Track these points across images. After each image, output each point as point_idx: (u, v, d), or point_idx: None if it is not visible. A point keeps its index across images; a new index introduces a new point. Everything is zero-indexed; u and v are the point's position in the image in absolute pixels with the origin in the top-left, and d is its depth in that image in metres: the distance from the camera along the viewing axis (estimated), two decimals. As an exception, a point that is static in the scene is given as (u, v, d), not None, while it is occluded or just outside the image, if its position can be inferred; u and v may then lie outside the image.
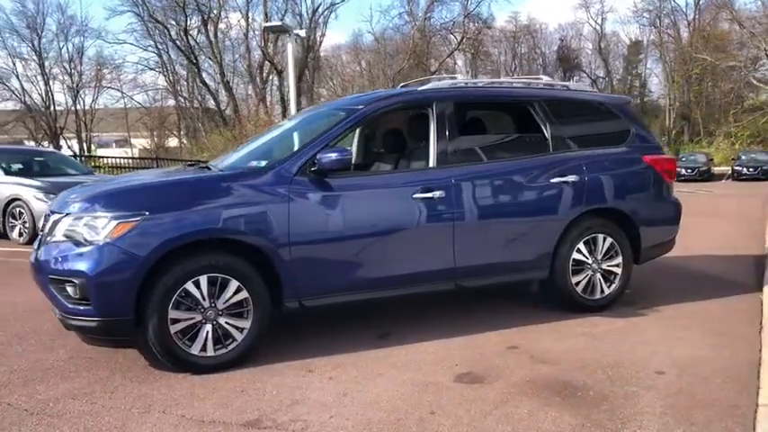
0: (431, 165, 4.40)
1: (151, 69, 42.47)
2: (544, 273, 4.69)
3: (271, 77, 41.20)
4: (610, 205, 4.86)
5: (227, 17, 41.40)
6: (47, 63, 39.99)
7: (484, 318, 4.78)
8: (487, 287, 4.68)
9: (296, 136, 4.73)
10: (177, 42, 39.19)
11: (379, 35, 46.18)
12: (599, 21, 51.68)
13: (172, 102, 43.95)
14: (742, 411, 3.09)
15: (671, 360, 3.81)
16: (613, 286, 4.90)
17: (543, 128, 4.81)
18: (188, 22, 38.29)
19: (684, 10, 47.57)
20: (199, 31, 39.40)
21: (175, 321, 3.64)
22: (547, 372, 3.67)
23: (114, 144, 47.60)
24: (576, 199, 4.70)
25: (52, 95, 40.41)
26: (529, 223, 4.59)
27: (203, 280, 3.68)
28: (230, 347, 3.79)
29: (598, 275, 4.84)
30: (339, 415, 3.14)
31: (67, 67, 40.93)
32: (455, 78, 4.88)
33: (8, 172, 10.28)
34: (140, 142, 47.35)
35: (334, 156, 3.95)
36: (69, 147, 40.35)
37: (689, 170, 29.50)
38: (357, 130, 5.72)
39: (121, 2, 38.45)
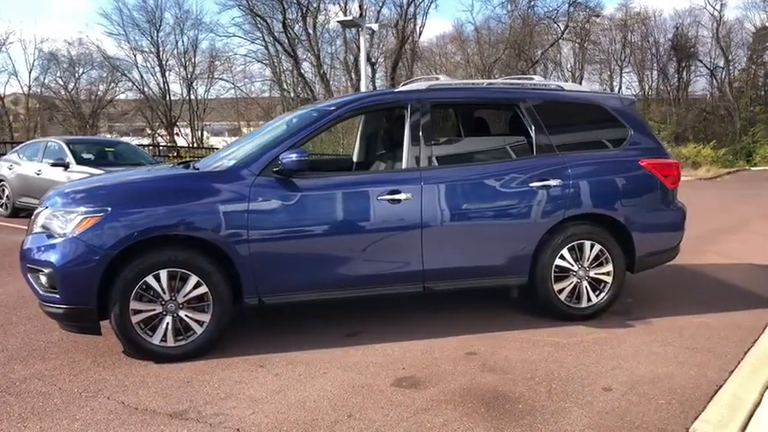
0: (403, 166, 4.40)
1: (259, 61, 44.00)
2: (522, 278, 4.56)
3: (366, 69, 41.41)
4: (597, 211, 4.64)
5: (325, 9, 42.21)
6: (164, 55, 42.26)
7: (460, 321, 4.71)
8: (459, 291, 4.61)
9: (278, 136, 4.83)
10: (277, 36, 40.37)
11: (480, 25, 45.46)
12: (718, 7, 48.10)
13: (277, 93, 45.18)
14: (664, 437, 2.92)
15: (627, 377, 3.63)
16: (602, 295, 4.69)
17: (528, 129, 4.66)
18: (287, 15, 39.36)
19: (820, -8, 43.54)
20: (298, 24, 40.33)
21: (137, 312, 3.86)
22: (489, 381, 3.60)
23: (227, 132, 49.48)
24: (557, 204, 4.52)
25: (168, 86, 42.62)
26: (502, 228, 4.47)
27: (163, 274, 3.87)
28: (190, 339, 3.98)
29: (584, 283, 4.65)
30: (260, 412, 3.23)
31: (182, 59, 43.09)
32: (437, 79, 4.80)
33: (80, 161, 11.08)
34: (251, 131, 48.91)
35: (294, 156, 4.04)
36: (184, 136, 42.47)
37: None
38: (359, 131, 5.80)
39: (230, -4, 40.02)
